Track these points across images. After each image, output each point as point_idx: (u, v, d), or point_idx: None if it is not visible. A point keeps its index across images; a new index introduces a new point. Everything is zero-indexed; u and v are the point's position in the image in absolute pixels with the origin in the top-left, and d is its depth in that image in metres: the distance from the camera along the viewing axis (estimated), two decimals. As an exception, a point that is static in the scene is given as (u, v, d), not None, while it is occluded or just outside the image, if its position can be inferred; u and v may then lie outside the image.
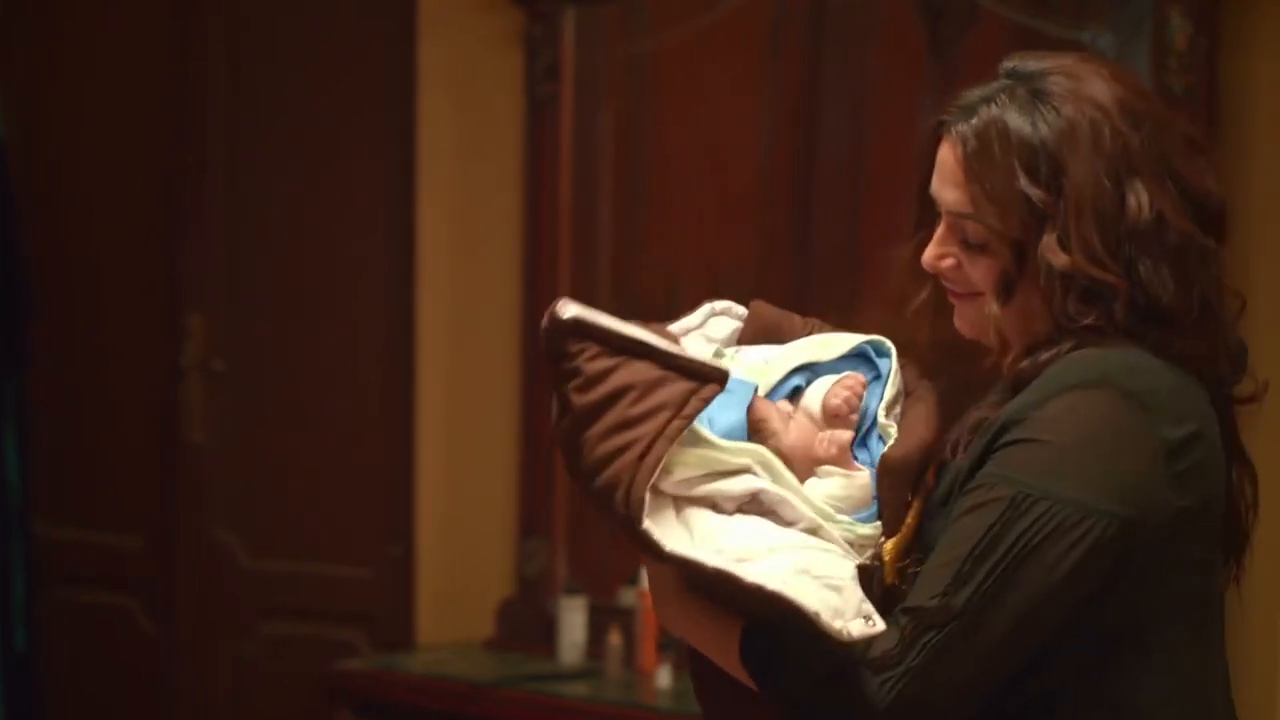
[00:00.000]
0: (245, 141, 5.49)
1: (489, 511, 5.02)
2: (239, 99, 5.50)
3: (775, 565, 1.87)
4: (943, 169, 2.03)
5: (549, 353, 1.99)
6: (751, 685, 1.98)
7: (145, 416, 5.68)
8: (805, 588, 1.85)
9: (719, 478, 1.94)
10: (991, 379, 2.10)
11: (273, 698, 5.43)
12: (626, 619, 4.61)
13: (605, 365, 1.94)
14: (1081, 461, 1.89)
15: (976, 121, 2.00)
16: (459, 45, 5.05)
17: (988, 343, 2.06)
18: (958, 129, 2.01)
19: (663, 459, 1.89)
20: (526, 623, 4.88)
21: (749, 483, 1.94)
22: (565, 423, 1.95)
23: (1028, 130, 1.97)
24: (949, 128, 2.03)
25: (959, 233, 2.02)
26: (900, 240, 2.17)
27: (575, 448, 1.93)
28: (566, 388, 1.95)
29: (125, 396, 5.74)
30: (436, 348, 5.12)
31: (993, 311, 2.00)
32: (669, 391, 1.91)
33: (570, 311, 1.97)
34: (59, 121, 5.89)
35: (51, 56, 5.89)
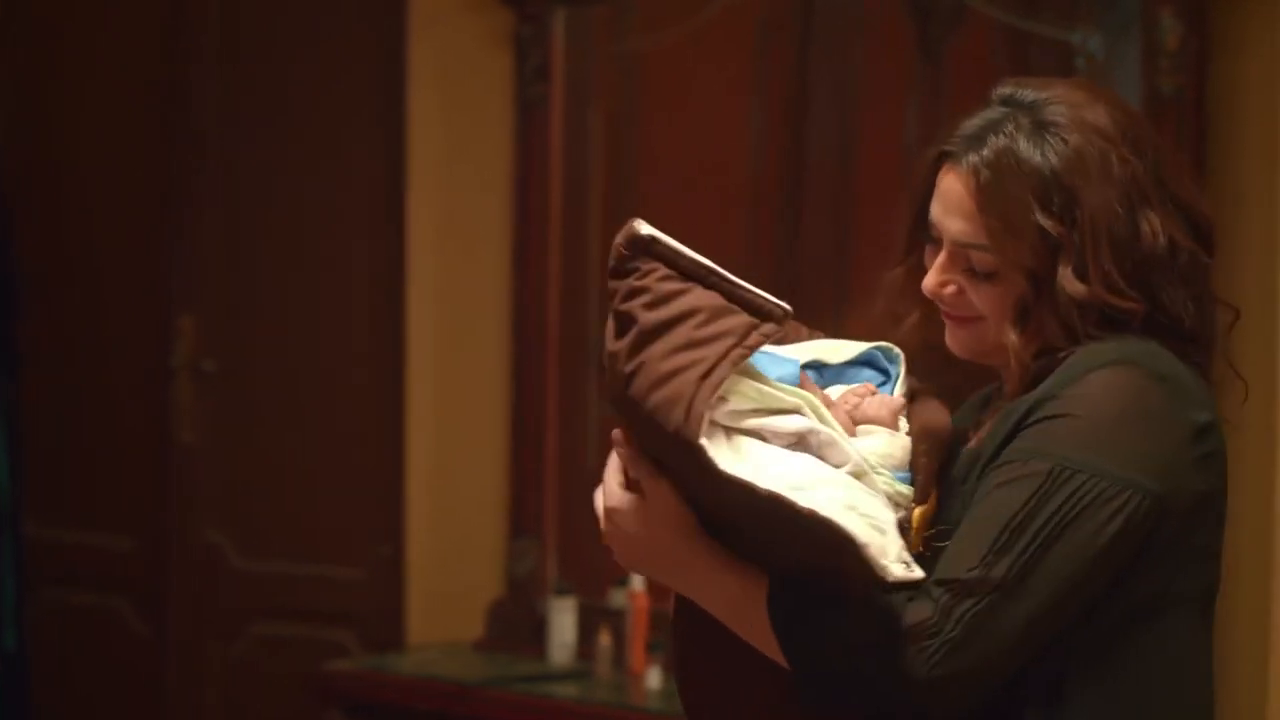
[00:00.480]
0: (237, 142, 5.49)
1: (479, 512, 5.01)
2: (231, 99, 5.50)
3: (826, 496, 1.86)
4: (948, 199, 2.03)
5: (618, 269, 1.96)
6: (765, 648, 1.95)
7: (136, 417, 5.68)
8: (855, 521, 1.84)
9: (770, 414, 1.93)
10: (978, 384, 2.12)
11: (263, 698, 5.42)
12: (616, 620, 4.61)
13: (674, 287, 1.93)
14: (1117, 436, 1.91)
15: (988, 153, 2.00)
16: (449, 46, 5.04)
17: (981, 362, 2.09)
18: (969, 160, 2.01)
19: (723, 382, 1.88)
20: (516, 623, 4.88)
21: (800, 422, 1.93)
22: (628, 338, 1.92)
23: (1038, 160, 1.98)
24: (955, 158, 2.03)
25: (963, 261, 2.03)
26: (889, 254, 2.16)
27: (636, 363, 1.91)
28: (634, 304, 1.93)
29: (116, 397, 5.74)
30: (426, 347, 5.11)
31: (1010, 340, 2.00)
32: (733, 321, 1.91)
33: (647, 230, 1.95)
34: (51, 122, 5.89)
35: (45, 57, 5.88)
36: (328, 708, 4.75)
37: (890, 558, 1.85)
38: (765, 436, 1.93)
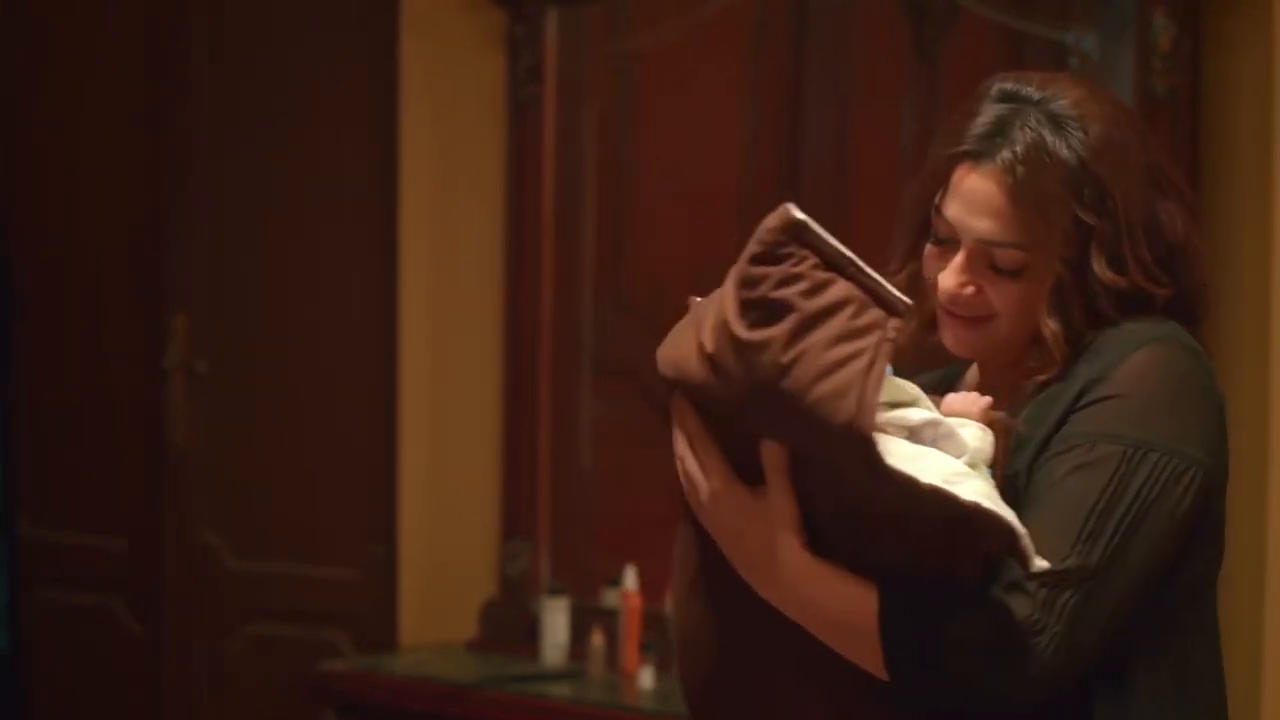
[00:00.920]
0: (229, 141, 5.49)
1: (472, 512, 5.01)
2: (223, 99, 5.50)
3: (974, 489, 1.84)
4: (973, 199, 2.01)
5: (770, 253, 1.89)
6: (855, 652, 1.91)
7: (129, 418, 5.67)
8: (1004, 512, 1.84)
9: (897, 406, 1.91)
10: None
11: (256, 698, 5.42)
12: (609, 620, 4.60)
13: (825, 276, 1.87)
14: (1175, 412, 1.94)
15: (1020, 149, 1.99)
16: (441, 46, 5.04)
17: (981, 360, 2.10)
18: (1001, 157, 1.99)
19: (883, 374, 1.84)
20: (509, 623, 4.88)
21: (923, 413, 1.91)
22: (787, 326, 1.85)
23: (1065, 153, 1.98)
24: (977, 157, 2.01)
25: (985, 259, 2.02)
26: (885, 256, 2.15)
27: (797, 351, 1.84)
28: (789, 291, 1.86)
29: (109, 398, 5.73)
30: (419, 348, 5.11)
31: (1051, 328, 2.00)
32: (875, 313, 1.86)
33: (800, 214, 1.90)
34: (44, 123, 5.89)
35: (37, 58, 5.88)
36: (321, 708, 4.75)
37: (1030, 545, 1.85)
38: (885, 429, 1.88)
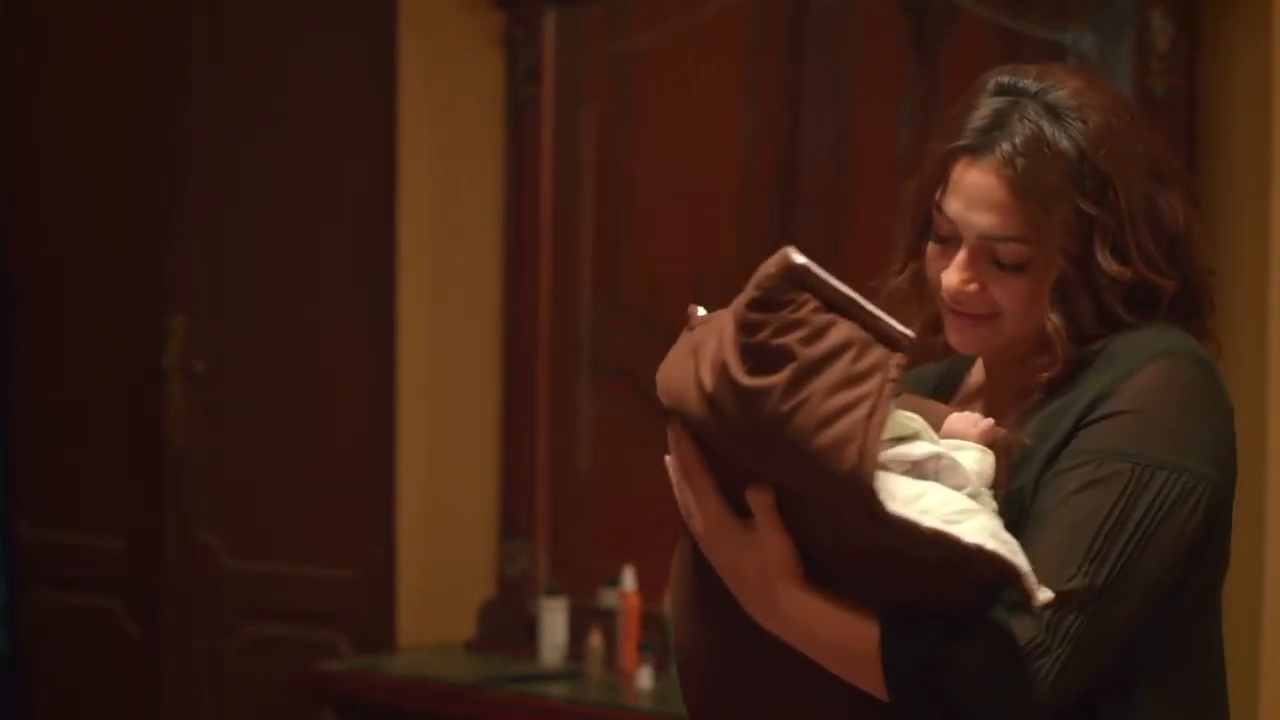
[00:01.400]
0: (228, 142, 5.49)
1: (470, 512, 5.01)
2: (221, 100, 5.50)
3: (977, 527, 1.82)
4: (973, 194, 1.99)
5: (770, 299, 1.86)
6: (863, 682, 1.90)
7: (127, 418, 5.67)
8: (1010, 550, 1.83)
9: (899, 441, 1.89)
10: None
11: (255, 698, 5.42)
12: (608, 620, 4.60)
13: (826, 319, 1.86)
14: (1183, 429, 1.92)
15: (1019, 141, 1.97)
16: (440, 47, 5.04)
17: (988, 358, 2.08)
18: (1001, 150, 1.97)
19: (885, 419, 1.83)
20: (507, 624, 4.88)
21: (926, 447, 1.89)
22: (786, 374, 1.84)
23: (1065, 144, 1.96)
24: (975, 151, 1.99)
25: (987, 255, 2.00)
26: (884, 256, 2.14)
27: (797, 400, 1.83)
28: (789, 338, 1.85)
29: (108, 398, 5.73)
30: (417, 348, 5.11)
31: (1054, 323, 1.98)
32: (877, 354, 1.85)
33: (801, 259, 1.88)
34: (43, 124, 5.89)
35: (35, 60, 5.88)
36: (320, 708, 4.75)
37: (1035, 581, 1.84)
38: (889, 465, 1.88)
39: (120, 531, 5.69)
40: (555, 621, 4.70)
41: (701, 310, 1.95)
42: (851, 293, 1.88)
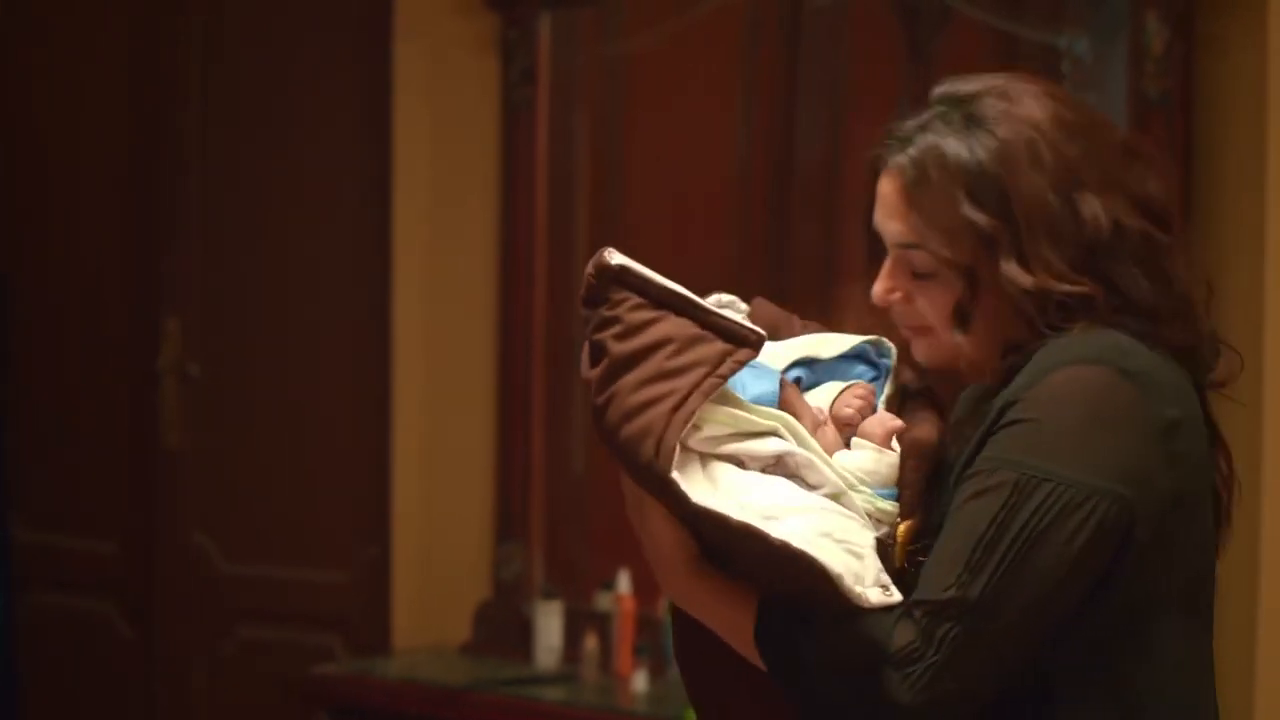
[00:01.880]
0: (222, 145, 5.49)
1: (465, 515, 5.01)
2: (217, 102, 5.50)
3: (800, 525, 1.85)
4: (884, 202, 2.03)
5: (589, 298, 1.98)
6: (760, 666, 1.95)
7: (122, 420, 5.67)
8: (829, 550, 1.84)
9: (747, 438, 1.93)
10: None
11: (249, 701, 5.42)
12: (603, 623, 4.60)
13: (646, 317, 1.93)
14: (1081, 440, 1.89)
15: (914, 151, 2.00)
16: (435, 50, 5.04)
17: (950, 370, 2.07)
18: (895, 160, 2.02)
19: (695, 413, 1.88)
20: (503, 627, 4.88)
21: (776, 445, 1.93)
22: (599, 370, 1.94)
23: (965, 155, 1.97)
24: (886, 160, 2.04)
25: (906, 264, 2.03)
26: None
27: (607, 395, 1.92)
28: (604, 335, 1.95)
29: (101, 400, 5.73)
30: (412, 351, 5.11)
31: (957, 340, 2.01)
32: (706, 349, 1.91)
33: (617, 259, 1.96)
34: (36, 125, 5.88)
35: (33, 62, 5.88)
36: (314, 711, 4.75)
37: (868, 582, 1.86)
38: (742, 460, 1.93)
39: (114, 534, 5.69)
40: (550, 624, 4.70)
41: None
42: (686, 292, 1.94)
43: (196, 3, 5.50)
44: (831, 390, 2.08)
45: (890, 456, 1.98)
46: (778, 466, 1.93)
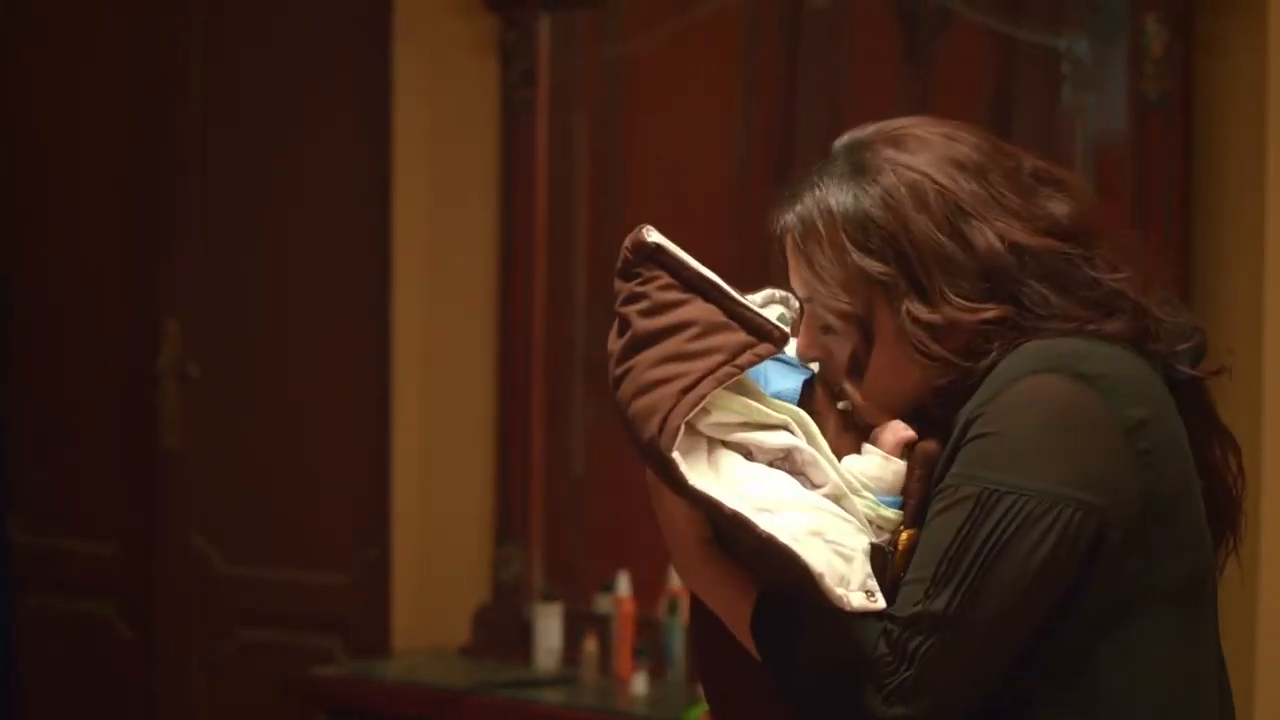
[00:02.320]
0: (221, 147, 5.49)
1: (465, 517, 5.01)
2: (216, 104, 5.50)
3: (791, 521, 1.87)
4: (788, 260, 2.06)
5: (623, 271, 1.99)
6: (756, 654, 1.98)
7: (121, 422, 5.67)
8: (815, 549, 1.86)
9: (756, 429, 1.95)
10: None
11: (249, 703, 5.41)
12: (602, 625, 4.60)
13: (673, 297, 1.96)
14: (1042, 450, 1.89)
15: (800, 207, 2.03)
16: (435, 52, 5.04)
17: (893, 414, 2.05)
18: (785, 219, 2.05)
19: (704, 398, 1.90)
20: (502, 629, 4.88)
21: (784, 439, 1.94)
22: (622, 342, 1.96)
23: (850, 204, 2.00)
24: (778, 220, 2.07)
25: (817, 320, 2.04)
26: None
27: (625, 368, 1.95)
28: (630, 309, 1.97)
29: (101, 402, 5.73)
30: (412, 351, 5.11)
31: (849, 390, 2.02)
32: (727, 338, 1.93)
33: (654, 237, 1.98)
34: (35, 125, 5.88)
35: (29, 61, 5.88)
36: (314, 713, 4.75)
37: (852, 586, 1.87)
38: (750, 451, 1.94)
39: (114, 535, 5.69)
40: (550, 626, 4.70)
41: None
42: (717, 279, 1.96)
43: (196, 3, 5.51)
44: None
45: (896, 464, 1.98)
46: (785, 462, 1.95)
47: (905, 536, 1.96)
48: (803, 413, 1.98)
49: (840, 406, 2.06)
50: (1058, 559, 1.88)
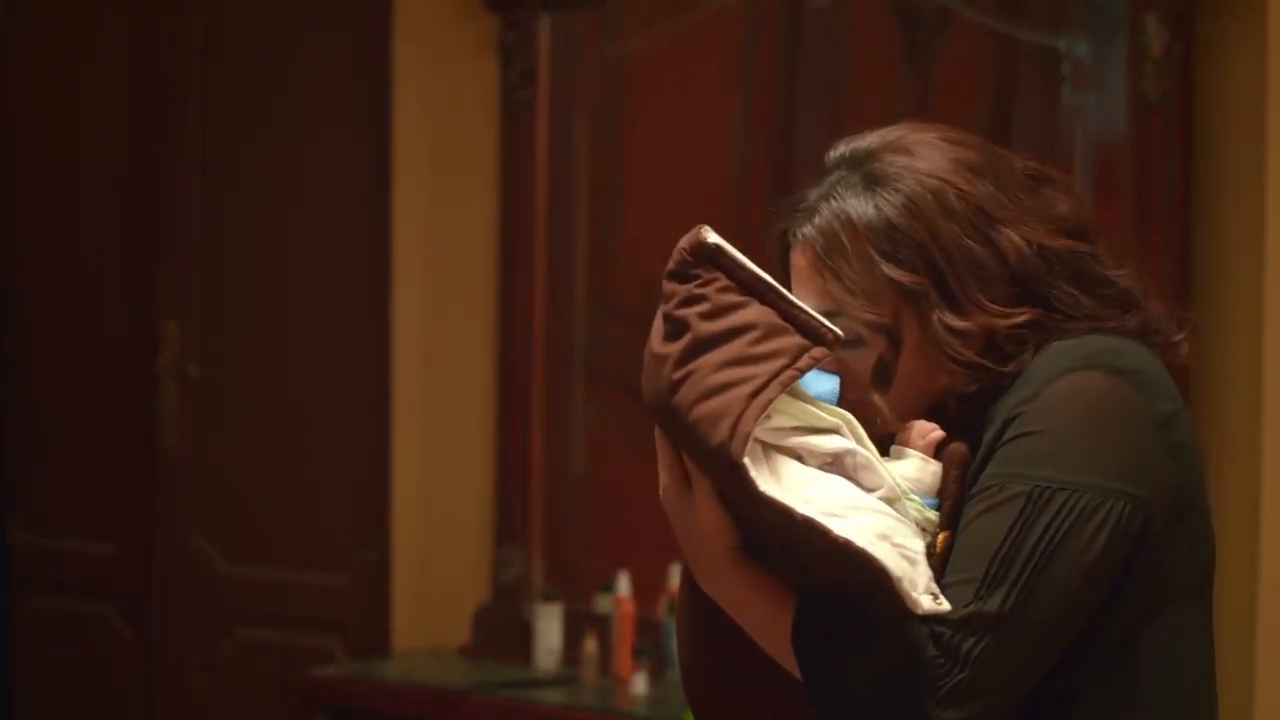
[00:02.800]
0: (221, 147, 5.49)
1: (465, 517, 5.01)
2: (216, 105, 5.50)
3: (861, 524, 1.85)
4: (799, 276, 2.04)
5: (679, 272, 1.94)
6: (788, 665, 1.94)
7: (121, 422, 5.67)
8: (887, 552, 1.84)
9: (811, 432, 1.91)
10: None
11: (248, 704, 5.42)
12: (602, 625, 4.60)
13: (732, 299, 1.92)
14: (1088, 445, 1.90)
15: (820, 220, 2.01)
16: (435, 52, 5.04)
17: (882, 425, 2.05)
18: (803, 233, 2.03)
19: (772, 402, 1.87)
20: (502, 629, 4.88)
21: (838, 442, 1.92)
22: (680, 345, 1.91)
23: (873, 215, 1.98)
24: (794, 233, 2.04)
25: None
26: None
27: (685, 371, 1.90)
28: (689, 311, 1.92)
29: (101, 402, 5.73)
30: (412, 352, 5.11)
31: (876, 402, 1.99)
32: (786, 341, 1.89)
33: (713, 238, 1.94)
34: (35, 126, 5.88)
35: (29, 61, 5.88)
36: (313, 713, 4.75)
37: (920, 589, 1.85)
38: (802, 455, 1.91)
39: (113, 536, 5.69)
40: (550, 627, 4.70)
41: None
42: (774, 282, 1.92)
43: (196, 3, 5.51)
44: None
45: (934, 466, 1.97)
46: (834, 465, 1.92)
47: (942, 538, 1.95)
48: (850, 415, 1.95)
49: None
50: (1109, 554, 1.89)
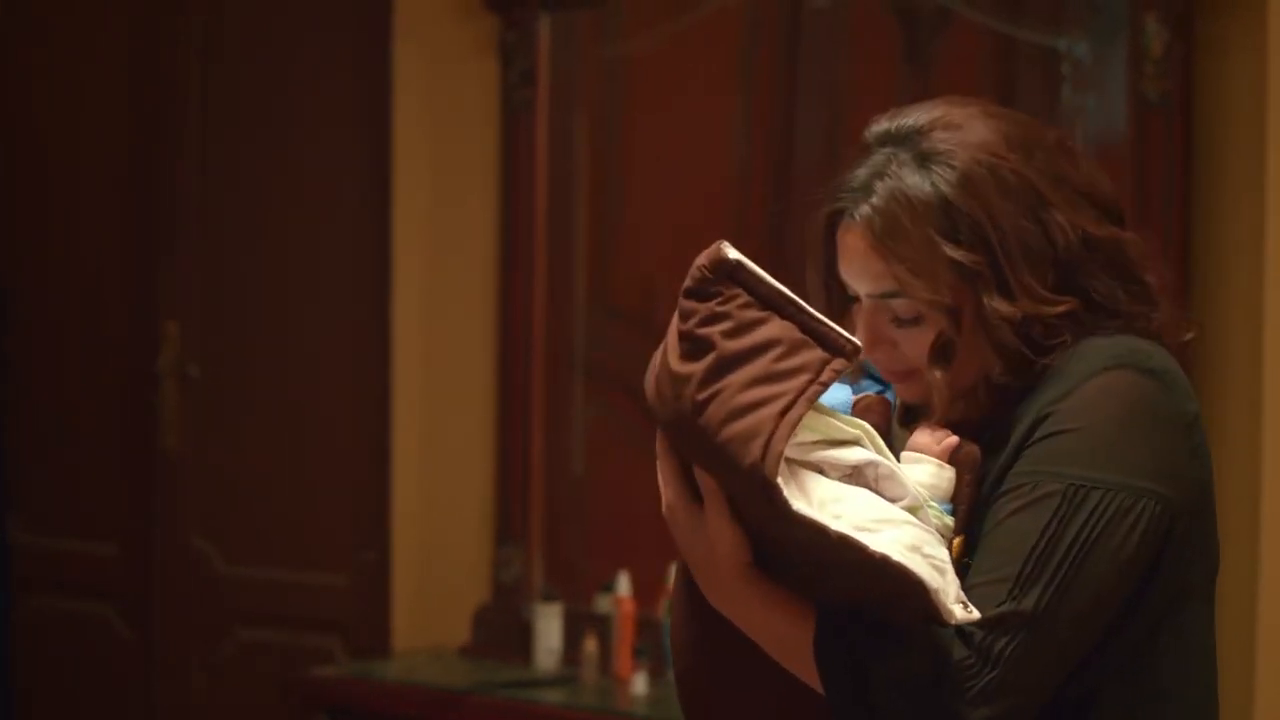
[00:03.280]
0: (221, 147, 5.49)
1: (465, 517, 5.01)
2: (216, 105, 5.50)
3: (892, 538, 1.84)
4: (852, 256, 2.01)
5: (697, 290, 1.91)
6: (806, 679, 1.92)
7: (121, 422, 5.67)
8: (920, 564, 1.83)
9: (833, 445, 1.90)
10: None
11: (248, 704, 5.41)
12: (602, 625, 4.60)
13: (754, 316, 1.88)
14: (1121, 445, 1.89)
15: (877, 199, 1.97)
16: (435, 52, 5.04)
17: (936, 405, 2.03)
18: (859, 212, 1.98)
19: (801, 419, 1.84)
20: (502, 629, 4.88)
21: (860, 454, 1.90)
22: (704, 364, 1.88)
23: (929, 192, 1.95)
24: (846, 213, 2.00)
25: (886, 313, 2.00)
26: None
27: (711, 391, 1.86)
28: (712, 329, 1.88)
29: (101, 402, 5.73)
30: (412, 353, 5.11)
31: (936, 379, 1.98)
32: (810, 355, 1.86)
33: (733, 254, 1.91)
34: (35, 125, 5.88)
35: (29, 61, 5.88)
36: (313, 713, 4.75)
37: (951, 599, 1.84)
38: (824, 469, 1.90)
39: (113, 536, 5.69)
40: (550, 627, 4.70)
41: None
42: (793, 295, 1.89)
43: (196, 3, 5.51)
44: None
45: (949, 470, 1.96)
46: (854, 476, 1.90)
47: (956, 543, 1.94)
48: (868, 425, 1.94)
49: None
50: (1141, 553, 1.89)
